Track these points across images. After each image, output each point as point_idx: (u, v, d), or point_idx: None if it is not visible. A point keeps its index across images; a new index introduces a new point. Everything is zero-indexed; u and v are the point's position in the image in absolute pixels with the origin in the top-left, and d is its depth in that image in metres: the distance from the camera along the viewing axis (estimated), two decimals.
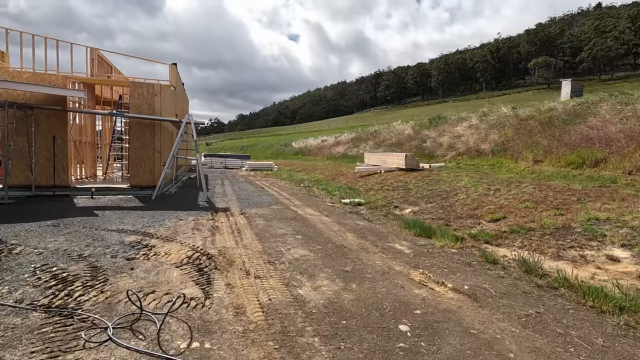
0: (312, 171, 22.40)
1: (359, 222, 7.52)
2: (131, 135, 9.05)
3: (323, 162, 27.57)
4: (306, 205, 9.53)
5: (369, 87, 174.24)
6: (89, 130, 11.70)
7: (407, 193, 11.02)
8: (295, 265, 4.31)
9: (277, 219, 7.18)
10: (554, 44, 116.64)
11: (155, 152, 9.23)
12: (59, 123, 8.47)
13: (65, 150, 8.56)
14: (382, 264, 4.62)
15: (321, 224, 6.99)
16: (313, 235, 5.88)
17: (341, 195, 11.78)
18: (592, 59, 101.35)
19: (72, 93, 7.73)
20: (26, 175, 8.28)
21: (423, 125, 24.40)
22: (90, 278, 3.49)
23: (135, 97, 8.96)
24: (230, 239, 5.34)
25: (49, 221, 5.82)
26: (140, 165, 9.12)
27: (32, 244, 4.56)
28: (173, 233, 5.50)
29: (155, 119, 8.87)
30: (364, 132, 32.65)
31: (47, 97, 8.25)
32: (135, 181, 9.14)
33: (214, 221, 6.60)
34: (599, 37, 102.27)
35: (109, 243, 4.76)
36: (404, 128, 26.03)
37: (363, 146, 27.66)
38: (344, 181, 15.61)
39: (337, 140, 35.05)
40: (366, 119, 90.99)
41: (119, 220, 6.14)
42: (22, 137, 8.17)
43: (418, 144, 20.93)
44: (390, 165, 15.22)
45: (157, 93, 9.14)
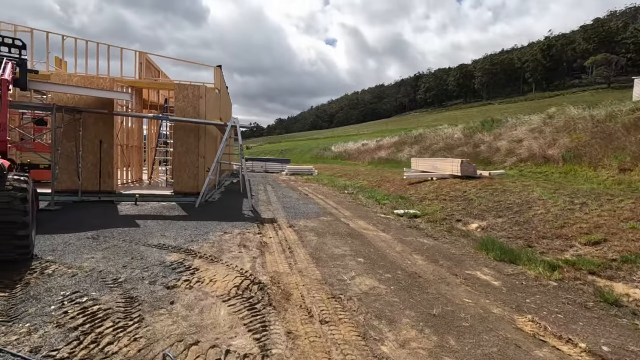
0: (355, 177, 21.51)
1: (423, 239, 6.52)
2: (175, 139, 8.69)
3: (365, 167, 26.55)
4: (357, 216, 8.66)
5: (408, 89, 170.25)
6: (136, 134, 11.63)
7: (469, 204, 9.78)
8: (367, 302, 3.44)
9: (329, 234, 6.36)
10: (615, 39, 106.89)
11: (199, 157, 8.80)
12: (105, 127, 8.27)
13: (112, 154, 8.35)
14: (474, 303, 3.63)
15: (380, 241, 6.07)
16: (376, 258, 4.99)
17: (392, 205, 10.77)
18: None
19: (117, 95, 7.48)
20: (73, 180, 8.14)
21: (474, 128, 22.61)
22: (124, 316, 2.85)
23: (180, 100, 8.59)
24: (282, 261, 4.58)
25: (89, 232, 5.42)
26: (183, 171, 8.72)
27: (68, 262, 4.08)
28: (218, 251, 4.84)
29: (200, 122, 8.43)
30: (408, 136, 31.17)
31: (95, 100, 8.08)
32: (178, 187, 8.75)
33: (261, 235, 5.91)
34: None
35: (148, 263, 4.17)
36: (452, 132, 24.34)
37: (407, 151, 26.28)
38: (391, 188, 14.56)
39: (378, 145, 33.82)
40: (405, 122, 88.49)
41: (160, 233, 5.62)
42: (70, 142, 8.05)
43: (470, 149, 19.31)
44: (443, 172, 13.97)
45: (203, 95, 8.72)
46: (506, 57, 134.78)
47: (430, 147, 23.77)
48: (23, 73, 5.92)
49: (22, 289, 3.27)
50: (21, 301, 3.04)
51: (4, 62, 5.55)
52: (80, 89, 7.05)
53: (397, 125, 78.97)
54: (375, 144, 34.41)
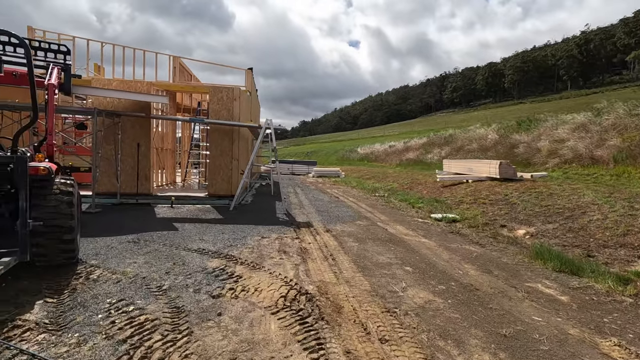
0: (384, 179, 21.06)
1: (469, 246, 6.11)
2: (210, 142, 8.68)
3: (393, 169, 26.00)
4: (393, 220, 8.31)
5: (434, 90, 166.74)
6: (170, 137, 11.81)
7: (512, 209, 9.20)
8: (426, 318, 3.14)
9: (370, 240, 6.07)
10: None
11: (232, 160, 8.76)
12: (143, 130, 8.38)
13: (149, 157, 8.44)
14: (545, 322, 3.25)
15: (425, 248, 5.72)
16: (424, 267, 4.65)
17: (428, 209, 10.32)
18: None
19: (155, 99, 7.55)
20: (112, 182, 8.28)
21: (509, 128, 21.60)
22: (172, 328, 2.70)
23: (214, 103, 8.59)
24: (326, 269, 4.35)
25: (130, 236, 5.41)
26: (217, 174, 8.70)
27: (111, 266, 4.02)
28: (258, 257, 4.67)
29: (235, 125, 8.38)
30: (437, 137, 30.30)
31: (133, 104, 8.20)
32: (212, 190, 8.74)
33: (299, 241, 5.71)
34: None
35: (190, 269, 4.05)
36: (485, 132, 23.37)
37: (437, 152, 25.50)
38: (424, 191, 14.06)
39: (406, 146, 33.10)
40: (432, 123, 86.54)
41: (199, 237, 5.54)
42: (110, 145, 8.20)
43: (506, 149, 18.42)
44: (479, 174, 13.35)
45: (237, 98, 8.67)
46: (539, 54, 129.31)
47: (462, 149, 22.92)
48: (67, 78, 6.02)
49: (70, 295, 3.21)
50: (69, 308, 2.97)
51: (51, 68, 5.65)
52: (120, 93, 7.16)
53: (423, 126, 77.36)
54: (403, 146, 33.70)
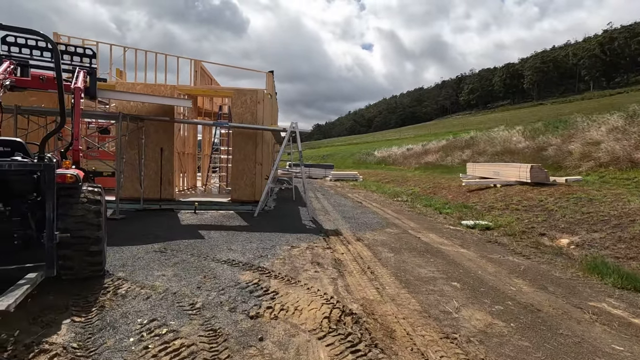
0: (404, 183, 20.56)
1: (512, 258, 5.66)
2: (233, 146, 8.48)
3: (412, 173, 25.43)
4: (425, 228, 7.90)
5: (450, 92, 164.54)
6: (191, 141, 11.71)
7: (550, 216, 8.64)
8: (492, 347, 2.76)
9: (405, 250, 5.70)
10: None
11: (256, 165, 8.52)
12: (166, 135, 8.24)
13: (172, 162, 8.30)
14: (629, 352, 2.82)
15: (466, 260, 5.31)
16: (472, 283, 4.25)
17: (458, 215, 9.84)
18: None
19: (180, 102, 7.40)
20: (135, 187, 8.16)
21: (536, 130, 20.79)
22: (211, 356, 2.40)
23: (238, 106, 8.38)
24: (367, 284, 4.00)
25: (156, 244, 5.19)
26: (241, 179, 8.47)
27: (139, 279, 3.79)
28: (292, 270, 4.37)
29: (259, 129, 8.15)
30: (457, 140, 29.56)
31: (157, 108, 8.08)
32: (235, 195, 8.52)
33: (332, 251, 5.38)
34: None
35: (222, 283, 3.77)
36: (508, 135, 22.59)
37: (458, 155, 24.81)
38: (449, 196, 13.54)
39: (425, 149, 32.44)
40: (449, 125, 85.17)
41: (226, 246, 5.28)
42: (133, 150, 8.08)
43: (534, 152, 17.68)
44: (507, 178, 12.77)
45: (260, 100, 8.45)
46: (559, 54, 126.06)
47: (485, 152, 22.19)
48: (93, 82, 5.90)
49: (98, 314, 2.97)
50: (98, 330, 2.72)
51: (77, 71, 5.53)
52: (145, 97, 7.02)
53: (439, 128, 76.17)
54: (422, 149, 33.05)
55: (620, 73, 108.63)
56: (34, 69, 5.38)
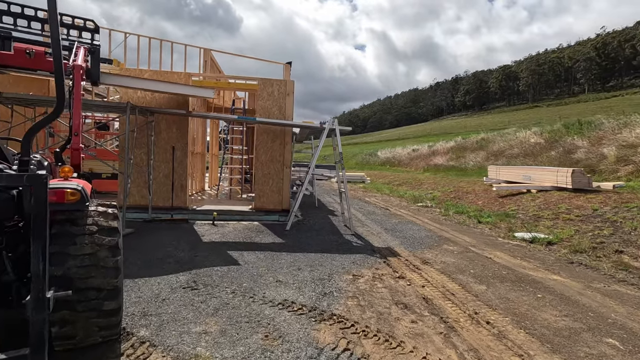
0: (418, 186, 19.48)
1: (618, 287, 4.53)
2: (257, 146, 7.23)
3: (423, 175, 24.36)
4: (483, 243, 6.78)
5: (446, 93, 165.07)
6: (200, 139, 10.41)
7: (617, 229, 7.55)
8: None
9: (490, 277, 4.53)
10: None
11: (284, 167, 7.29)
12: (179, 132, 6.97)
13: (185, 163, 7.02)
14: None
15: (575, 293, 4.16)
16: (627, 337, 3.10)
17: (506, 226, 8.73)
18: None
19: (201, 92, 6.09)
20: (142, 194, 6.88)
21: (556, 132, 19.83)
22: None
23: (264, 98, 7.14)
24: (497, 345, 2.81)
25: (181, 275, 3.93)
26: (266, 184, 7.24)
27: (172, 343, 2.55)
28: (377, 318, 3.16)
29: (291, 125, 6.91)
30: (467, 141, 28.60)
31: (169, 99, 6.80)
32: (259, 203, 7.27)
33: (406, 282, 4.18)
34: None
35: (296, 349, 2.55)
36: (525, 136, 21.62)
37: (472, 157, 23.80)
38: (479, 202, 12.45)
39: (431, 150, 31.43)
40: (446, 126, 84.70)
41: (272, 276, 4.05)
42: (140, 149, 6.80)
43: (561, 155, 16.68)
44: (542, 183, 11.77)
45: (290, 92, 7.22)
46: (555, 57, 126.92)
47: (502, 154, 21.20)
48: (95, 63, 4.61)
49: None
50: None
51: (75, 47, 4.25)
52: (161, 85, 5.72)
53: (438, 130, 75.56)
54: (428, 150, 32.02)
55: (615, 76, 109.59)
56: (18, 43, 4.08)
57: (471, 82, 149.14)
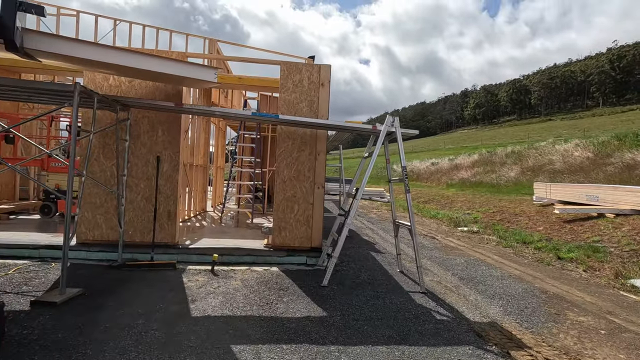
0: (448, 204, 17.21)
1: None
2: (279, 156, 5.08)
3: (450, 192, 22.06)
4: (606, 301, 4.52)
5: (454, 106, 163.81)
6: (202, 148, 8.32)
7: None
8: None
9: None
10: None
11: (315, 187, 5.12)
12: (168, 135, 4.86)
13: (175, 180, 4.88)
14: None
15: None
16: None
17: (609, 267, 6.44)
18: None
19: (197, 72, 3.93)
20: (111, 224, 4.75)
21: (606, 145, 17.50)
22: None
23: (289, 90, 5.04)
24: None
25: None
26: (290, 211, 5.06)
27: None
28: None
29: (328, 126, 4.77)
30: (493, 155, 26.29)
31: (153, 88, 4.74)
32: (280, 239, 5.07)
33: None
34: None
35: None
36: (568, 149, 19.29)
37: (505, 171, 21.46)
38: (539, 227, 10.16)
39: (453, 164, 29.13)
40: (457, 139, 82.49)
41: None
42: (109, 159, 4.70)
43: (619, 171, 14.34)
44: (618, 206, 9.56)
45: (324, 82, 5.11)
46: (567, 70, 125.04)
47: (542, 169, 18.86)
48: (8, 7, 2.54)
49: None
50: None
51: None
52: (131, 57, 3.58)
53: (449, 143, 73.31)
54: (449, 164, 29.71)
55: (630, 90, 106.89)
56: None
57: (481, 96, 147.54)
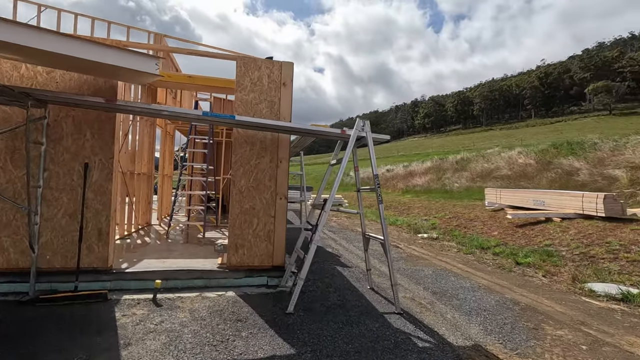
0: (407, 210, 17.47)
1: None
2: (234, 163, 4.46)
3: (405, 197, 22.51)
4: (574, 309, 4.49)
5: (405, 115, 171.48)
6: (146, 154, 7.37)
7: None
8: None
9: None
10: (611, 68, 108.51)
11: (277, 197, 4.56)
12: (99, 139, 4.02)
13: (108, 191, 4.05)
14: None
15: None
16: None
17: (567, 272, 6.62)
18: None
19: (137, 63, 3.16)
20: (21, 247, 3.81)
21: (545, 152, 18.82)
22: None
23: (246, 88, 4.45)
24: None
25: None
26: (247, 226, 4.44)
27: None
28: None
29: (292, 129, 4.24)
30: (445, 162, 27.36)
31: (79, 84, 3.91)
32: (237, 258, 4.42)
33: None
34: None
35: None
36: (512, 156, 20.52)
37: (456, 178, 22.33)
38: (493, 232, 10.47)
39: (408, 171, 29.93)
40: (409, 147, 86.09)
41: None
42: (19, 168, 3.78)
43: (559, 177, 15.40)
44: (563, 210, 10.15)
45: (286, 82, 4.60)
46: (504, 84, 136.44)
47: (490, 175, 19.83)
48: None
49: None
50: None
51: None
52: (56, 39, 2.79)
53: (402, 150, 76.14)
54: (404, 170, 30.47)
55: (557, 103, 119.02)
56: None
57: (429, 106, 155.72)
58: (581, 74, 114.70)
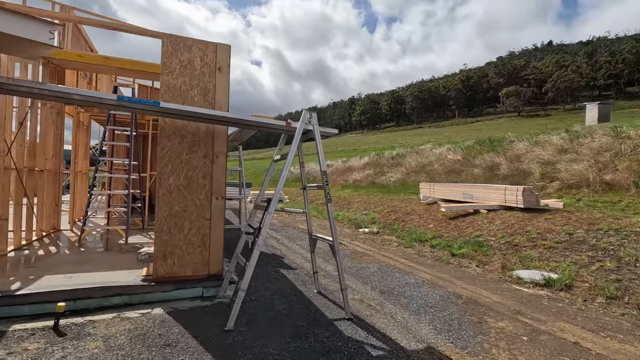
0: (347, 205, 17.70)
1: None
2: (162, 158, 3.83)
3: (345, 192, 22.82)
4: (508, 298, 4.76)
5: (343, 112, 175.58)
6: (50, 146, 6.18)
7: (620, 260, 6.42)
8: None
9: None
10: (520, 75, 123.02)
11: (212, 198, 4.03)
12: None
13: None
14: None
15: None
16: None
17: (497, 261, 7.08)
18: (556, 90, 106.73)
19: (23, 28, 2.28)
20: None
21: (470, 149, 20.42)
22: None
23: (174, 72, 3.82)
24: None
25: None
26: (179, 230, 3.85)
27: None
28: None
29: (229, 120, 3.73)
30: (382, 157, 28.36)
31: None
32: (166, 268, 3.81)
33: None
34: (560, 70, 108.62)
35: None
36: (442, 152, 21.93)
37: (392, 173, 23.21)
38: (429, 225, 10.97)
39: (347, 166, 30.49)
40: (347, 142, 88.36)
41: None
42: None
43: (484, 172, 16.76)
44: (488, 202, 10.97)
45: (223, 66, 4.06)
46: (432, 85, 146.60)
47: (423, 170, 20.94)
48: None
49: None
50: None
51: None
52: None
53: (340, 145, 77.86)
54: (343, 165, 31.00)
55: (476, 105, 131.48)
56: None
57: (365, 104, 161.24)
58: (496, 79, 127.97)
